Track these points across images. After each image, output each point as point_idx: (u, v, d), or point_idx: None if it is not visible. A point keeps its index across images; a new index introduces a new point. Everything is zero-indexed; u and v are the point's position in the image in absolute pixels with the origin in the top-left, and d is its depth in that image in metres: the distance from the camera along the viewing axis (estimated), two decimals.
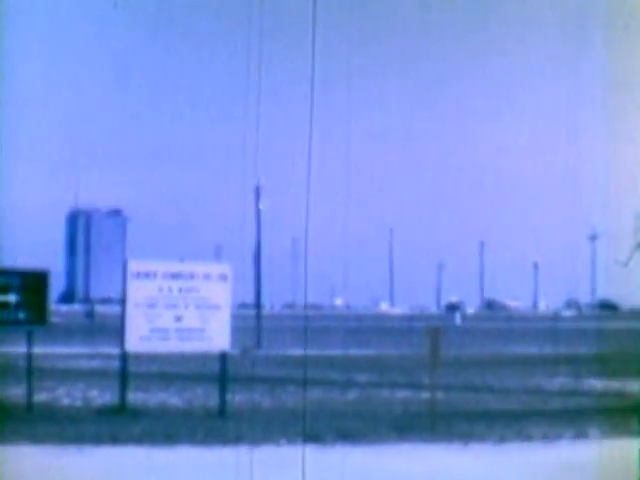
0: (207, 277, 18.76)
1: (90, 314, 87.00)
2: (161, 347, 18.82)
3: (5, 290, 18.34)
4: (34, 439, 14.87)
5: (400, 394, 22.50)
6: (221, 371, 18.75)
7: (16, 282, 18.42)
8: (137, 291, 18.27)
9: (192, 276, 18.64)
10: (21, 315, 18.42)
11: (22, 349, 18.70)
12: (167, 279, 18.46)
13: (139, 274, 18.32)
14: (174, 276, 18.52)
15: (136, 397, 19.78)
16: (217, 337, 18.69)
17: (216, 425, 16.76)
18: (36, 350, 18.63)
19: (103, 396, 20.81)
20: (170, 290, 18.45)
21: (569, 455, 14.65)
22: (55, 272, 19.72)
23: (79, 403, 20.00)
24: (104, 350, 33.69)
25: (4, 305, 18.29)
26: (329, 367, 28.42)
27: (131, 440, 15.10)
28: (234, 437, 15.46)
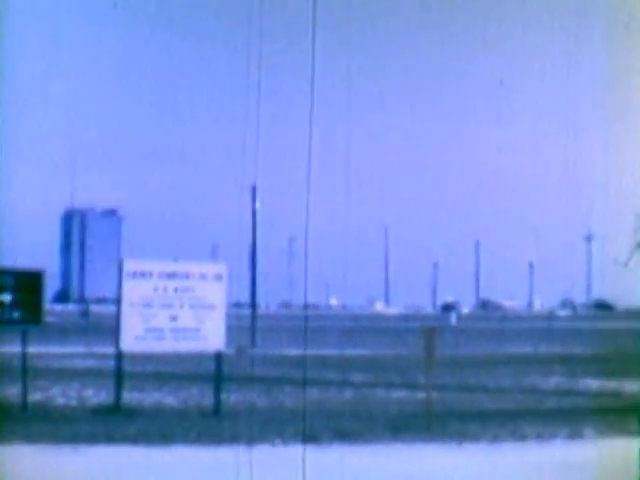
0: (202, 277, 18.76)
1: (85, 314, 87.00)
2: (156, 347, 18.81)
3: None
4: (29, 439, 14.85)
5: (395, 394, 22.50)
6: (216, 371, 18.75)
7: (11, 282, 18.40)
8: (132, 291, 18.26)
9: (187, 276, 18.65)
10: (16, 315, 18.39)
11: (17, 349, 18.67)
12: (162, 279, 18.46)
13: (134, 274, 18.31)
14: (169, 276, 18.52)
15: (131, 397, 19.76)
16: (212, 337, 18.69)
17: (211, 425, 16.75)
18: (31, 350, 18.60)
19: (98, 396, 20.80)
20: (165, 290, 18.44)
21: (564, 455, 14.66)
22: (50, 271, 19.71)
23: (74, 403, 19.98)
24: (99, 350, 33.69)
25: None
26: (325, 367, 28.41)
27: (126, 440, 15.09)
28: (229, 437, 15.46)
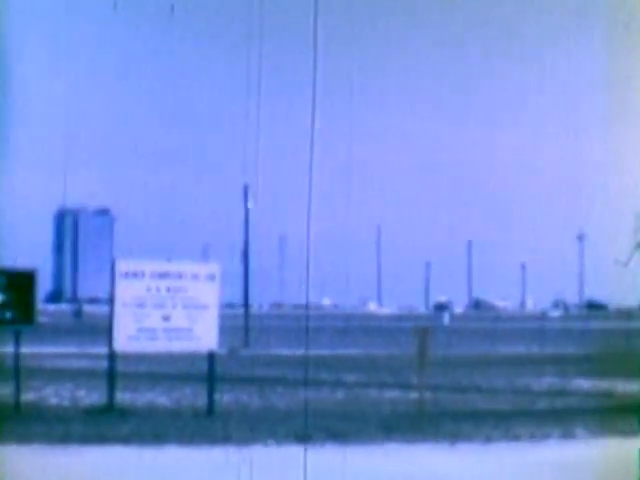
0: (195, 277, 18.74)
1: (78, 314, 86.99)
2: (149, 347, 18.80)
3: None
4: (21, 439, 14.83)
5: (388, 394, 22.51)
6: (209, 371, 18.74)
7: (3, 281, 18.36)
8: (125, 291, 18.24)
9: (180, 276, 18.63)
10: (8, 315, 18.36)
11: (9, 349, 18.64)
12: (155, 279, 18.45)
13: (127, 274, 18.30)
14: (162, 276, 18.51)
15: (124, 397, 19.75)
16: (205, 337, 18.68)
17: (204, 425, 16.75)
18: (23, 350, 18.58)
19: (91, 396, 20.78)
20: (158, 290, 18.43)
21: (556, 455, 14.69)
22: (42, 271, 19.68)
23: (67, 403, 19.96)
24: (92, 350, 33.67)
25: None
26: (318, 367, 28.41)
27: (119, 440, 15.08)
28: (222, 437, 15.46)
